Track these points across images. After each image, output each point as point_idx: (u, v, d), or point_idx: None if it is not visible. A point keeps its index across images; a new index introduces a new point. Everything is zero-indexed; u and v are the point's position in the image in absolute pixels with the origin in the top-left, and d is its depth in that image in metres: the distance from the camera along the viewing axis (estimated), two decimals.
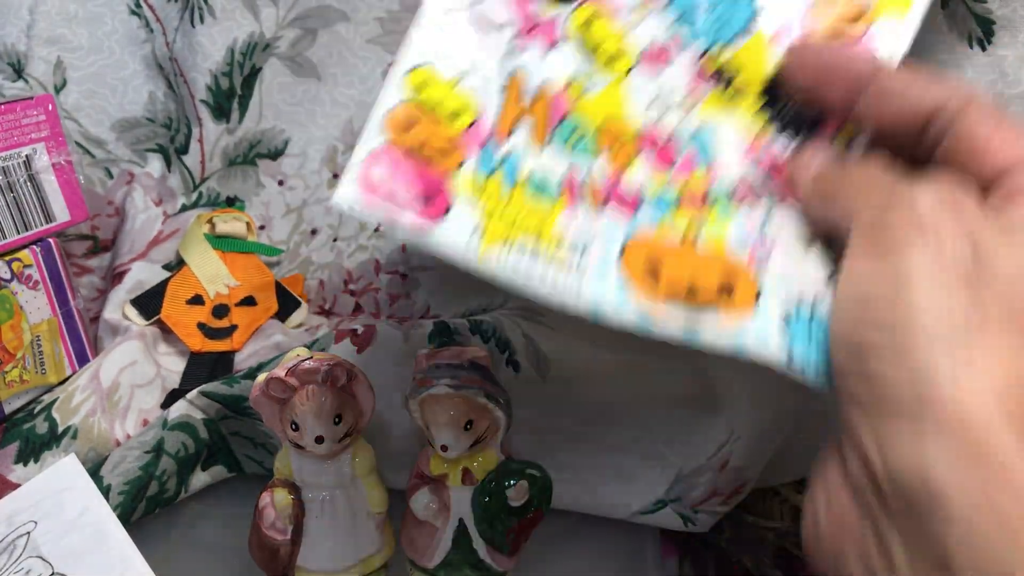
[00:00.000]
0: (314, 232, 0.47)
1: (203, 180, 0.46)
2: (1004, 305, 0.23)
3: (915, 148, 0.29)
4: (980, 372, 0.22)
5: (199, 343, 0.43)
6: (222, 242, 0.44)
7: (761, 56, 0.32)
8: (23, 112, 0.39)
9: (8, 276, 0.39)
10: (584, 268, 0.29)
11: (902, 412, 0.22)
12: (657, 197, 0.30)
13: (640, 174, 0.30)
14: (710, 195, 0.30)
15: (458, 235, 0.28)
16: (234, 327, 0.44)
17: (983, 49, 0.41)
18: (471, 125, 0.30)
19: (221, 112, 0.45)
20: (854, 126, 0.30)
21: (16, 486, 0.36)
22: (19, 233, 0.40)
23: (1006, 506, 0.20)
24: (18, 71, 0.44)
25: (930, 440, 0.21)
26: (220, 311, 0.44)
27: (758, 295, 0.28)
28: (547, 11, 0.32)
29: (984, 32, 0.41)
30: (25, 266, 0.40)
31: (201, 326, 0.43)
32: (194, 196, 0.46)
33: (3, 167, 0.39)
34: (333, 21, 0.45)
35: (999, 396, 0.21)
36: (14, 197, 0.39)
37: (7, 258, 0.39)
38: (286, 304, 0.45)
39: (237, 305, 0.44)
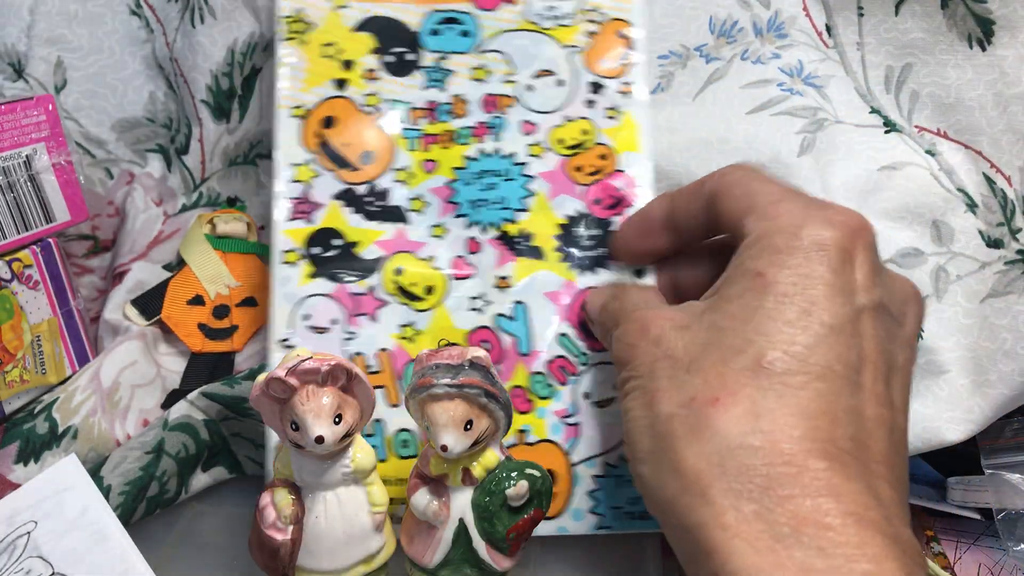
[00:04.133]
0: None
1: (203, 180, 0.46)
2: (681, 391, 0.28)
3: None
4: (688, 458, 0.26)
5: (200, 344, 0.43)
6: (223, 242, 0.44)
7: (547, 214, 0.39)
8: (23, 112, 0.39)
9: (8, 276, 0.39)
10: None
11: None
12: None
13: None
14: (529, 392, 0.38)
15: None
16: (235, 328, 0.44)
17: (983, 49, 0.41)
18: None
19: (221, 112, 0.45)
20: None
21: (16, 486, 0.36)
22: (19, 233, 0.40)
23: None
24: (18, 71, 0.44)
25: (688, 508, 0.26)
26: (221, 312, 0.44)
27: (572, 482, 0.38)
28: (359, 287, 0.38)
29: (984, 32, 0.41)
30: (25, 266, 0.40)
31: (202, 326, 0.43)
32: (194, 196, 0.46)
33: (3, 167, 0.39)
34: None
35: (720, 474, 0.25)
36: (14, 197, 0.39)
37: (7, 258, 0.39)
38: None
39: (238, 306, 0.44)
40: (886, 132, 0.42)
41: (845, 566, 0.23)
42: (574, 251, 0.39)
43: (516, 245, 0.39)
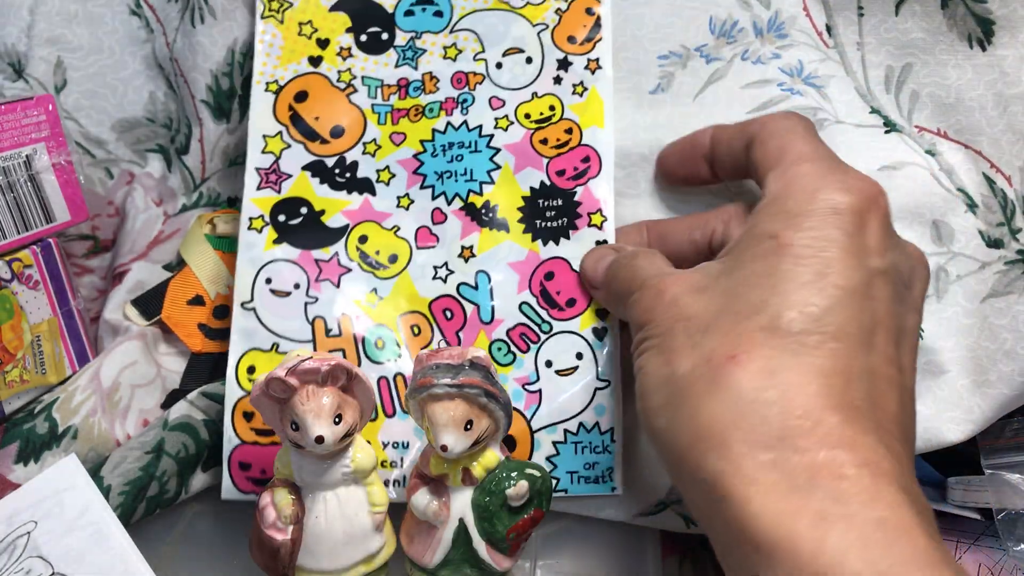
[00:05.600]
0: None
1: (204, 180, 0.46)
2: (699, 356, 0.28)
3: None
4: (705, 421, 0.26)
5: (200, 344, 0.43)
6: (223, 242, 0.44)
7: (513, 186, 0.40)
8: (23, 112, 0.39)
9: (8, 276, 0.39)
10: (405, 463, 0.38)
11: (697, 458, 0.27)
12: None
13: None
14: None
15: None
16: None
17: (983, 49, 0.41)
18: None
19: (221, 112, 0.45)
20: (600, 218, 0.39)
21: (16, 486, 0.36)
22: (19, 233, 0.40)
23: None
24: (18, 71, 0.44)
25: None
26: (221, 312, 0.44)
27: (532, 447, 0.37)
28: (323, 254, 0.39)
29: (984, 32, 0.41)
30: (25, 266, 0.40)
31: (202, 327, 0.43)
32: (195, 196, 0.46)
33: (3, 167, 0.39)
34: None
35: (737, 426, 0.26)
36: (14, 197, 0.39)
37: (7, 258, 0.39)
38: None
39: None
40: (886, 132, 0.42)
41: (861, 513, 0.23)
42: (538, 222, 0.39)
43: (481, 216, 0.39)
